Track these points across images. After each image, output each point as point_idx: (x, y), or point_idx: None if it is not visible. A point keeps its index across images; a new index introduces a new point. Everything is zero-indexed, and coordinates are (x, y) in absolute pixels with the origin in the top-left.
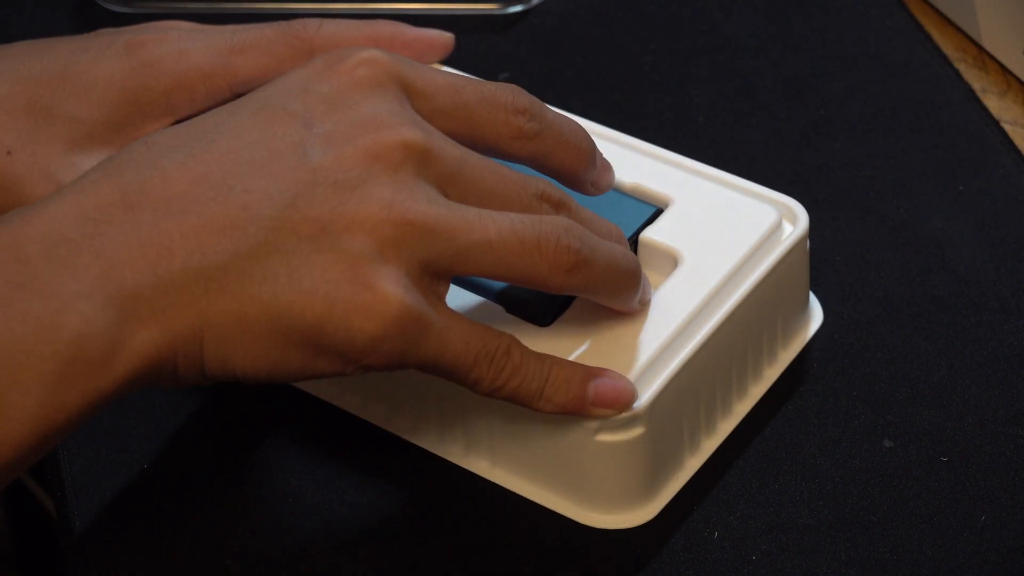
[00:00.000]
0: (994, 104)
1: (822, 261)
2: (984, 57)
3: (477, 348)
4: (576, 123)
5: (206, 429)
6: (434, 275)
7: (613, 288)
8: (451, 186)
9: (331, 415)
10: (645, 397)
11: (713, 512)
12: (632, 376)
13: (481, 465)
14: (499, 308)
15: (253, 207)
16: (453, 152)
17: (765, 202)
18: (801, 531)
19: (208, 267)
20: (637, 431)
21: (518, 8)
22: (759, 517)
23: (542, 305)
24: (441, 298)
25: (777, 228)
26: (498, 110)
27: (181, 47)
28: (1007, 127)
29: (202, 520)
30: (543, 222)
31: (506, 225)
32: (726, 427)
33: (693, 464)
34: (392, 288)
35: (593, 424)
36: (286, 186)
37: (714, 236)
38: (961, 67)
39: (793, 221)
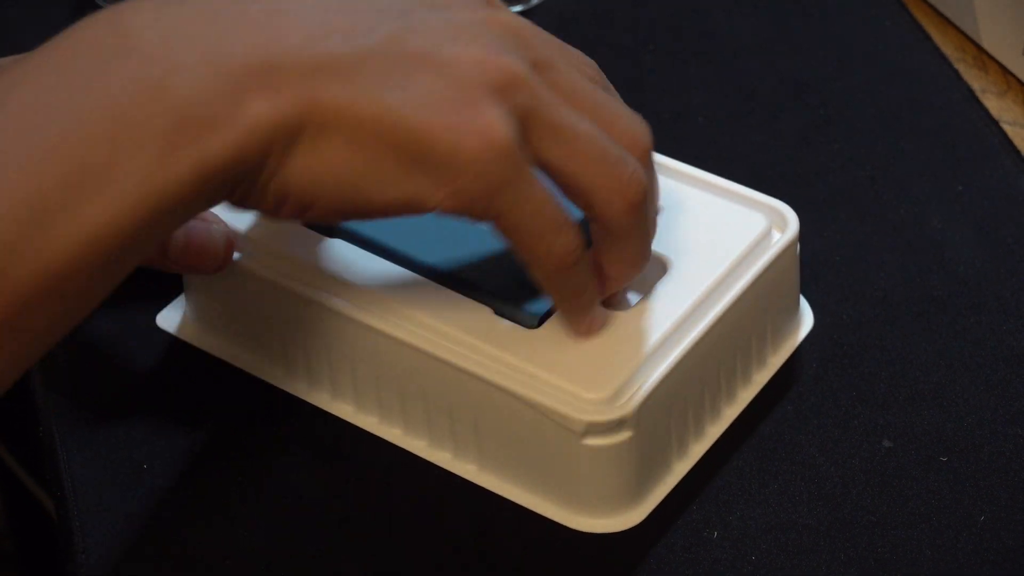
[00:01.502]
0: (994, 104)
1: (822, 261)
2: (984, 57)
3: (560, 216)
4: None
5: (206, 430)
6: (526, 136)
7: (642, 258)
8: (539, 72)
9: (326, 420)
10: (633, 402)
11: (712, 512)
12: (620, 381)
13: (469, 469)
14: (487, 310)
15: (366, 23)
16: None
17: (755, 209)
18: (801, 531)
19: (322, 53)
20: (624, 435)
21: (518, 8)
22: (758, 517)
23: (530, 308)
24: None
25: (766, 237)
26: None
27: None
28: (1007, 127)
29: (201, 520)
30: (624, 150)
31: (595, 132)
32: (715, 431)
33: (681, 468)
34: (500, 117)
35: (580, 428)
36: (397, 20)
37: (703, 244)
38: (961, 67)
39: (783, 226)
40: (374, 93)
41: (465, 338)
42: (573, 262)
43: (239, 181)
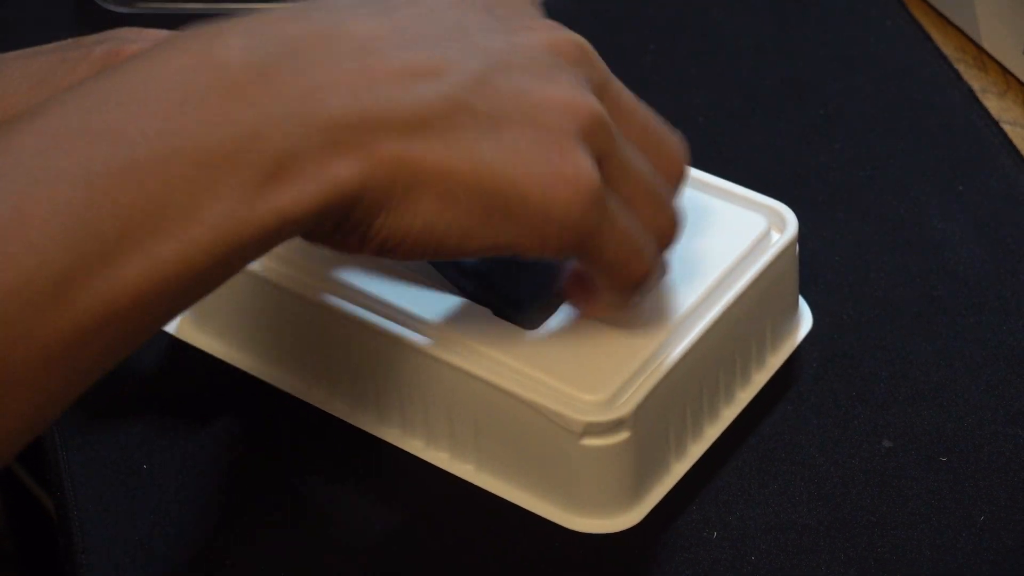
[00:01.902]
0: (994, 104)
1: (822, 261)
2: (984, 57)
3: (639, 241)
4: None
5: (206, 430)
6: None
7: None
8: (603, 97)
9: (324, 420)
10: (631, 403)
11: (712, 512)
12: (618, 382)
13: (466, 469)
14: (485, 311)
15: (454, 60)
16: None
17: (754, 210)
18: (801, 531)
19: (414, 105)
20: (622, 436)
21: None
22: (758, 517)
23: (529, 308)
24: None
25: (765, 238)
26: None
27: None
28: (1007, 127)
29: (201, 520)
30: (666, 183)
31: (649, 172)
32: (713, 432)
33: (679, 469)
34: (586, 161)
35: (579, 429)
36: (483, 52)
37: (702, 244)
38: (961, 67)
39: (782, 227)
40: (467, 147)
41: (464, 339)
42: (647, 279)
43: (319, 226)
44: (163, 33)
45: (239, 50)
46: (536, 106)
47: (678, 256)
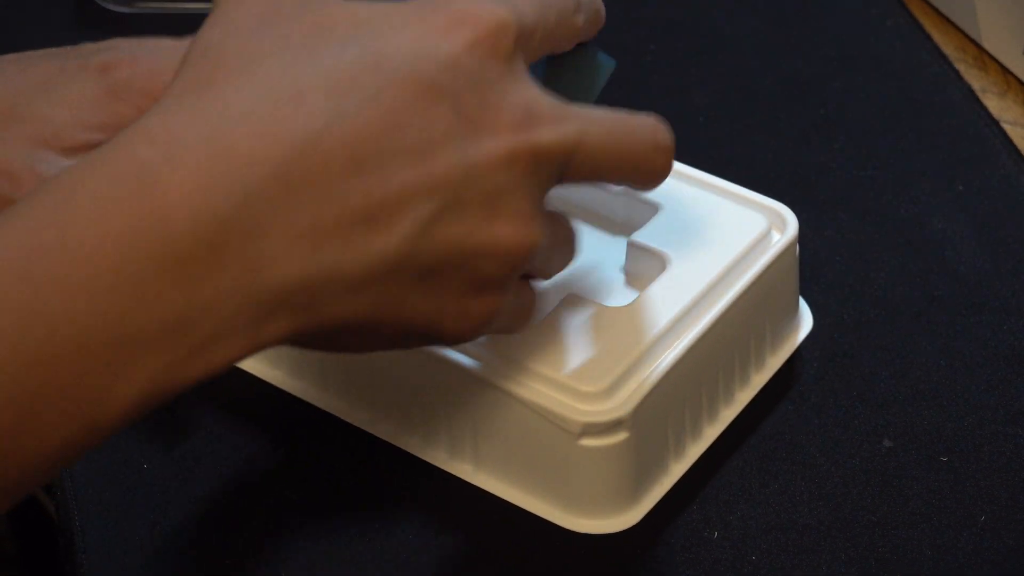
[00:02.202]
0: (994, 104)
1: (822, 261)
2: (984, 57)
3: (535, 299)
4: None
5: (206, 430)
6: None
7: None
8: (569, 168)
9: (320, 418)
10: (630, 403)
11: (713, 512)
12: (617, 382)
13: (464, 469)
14: None
15: (406, 200)
16: (578, 137)
17: (755, 210)
18: (801, 531)
19: (358, 265)
20: (621, 436)
21: None
22: (759, 517)
23: None
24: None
25: (765, 238)
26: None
27: (152, 67)
28: (1007, 127)
29: (201, 520)
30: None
31: (561, 257)
32: (712, 432)
33: (678, 470)
34: (503, 295)
35: (577, 429)
36: (436, 186)
37: (702, 244)
38: (961, 67)
39: (783, 227)
40: (398, 301)
41: None
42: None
43: None
44: (162, 43)
45: (190, 211)
46: (474, 255)
47: (679, 256)
